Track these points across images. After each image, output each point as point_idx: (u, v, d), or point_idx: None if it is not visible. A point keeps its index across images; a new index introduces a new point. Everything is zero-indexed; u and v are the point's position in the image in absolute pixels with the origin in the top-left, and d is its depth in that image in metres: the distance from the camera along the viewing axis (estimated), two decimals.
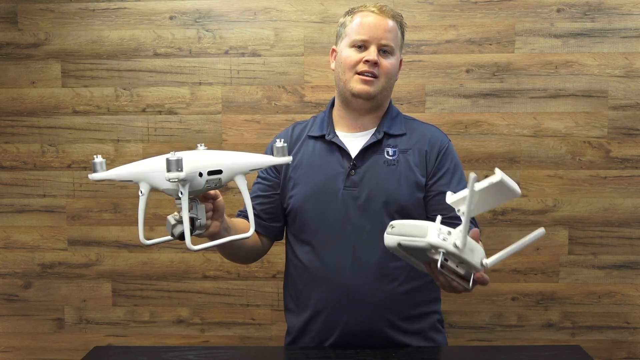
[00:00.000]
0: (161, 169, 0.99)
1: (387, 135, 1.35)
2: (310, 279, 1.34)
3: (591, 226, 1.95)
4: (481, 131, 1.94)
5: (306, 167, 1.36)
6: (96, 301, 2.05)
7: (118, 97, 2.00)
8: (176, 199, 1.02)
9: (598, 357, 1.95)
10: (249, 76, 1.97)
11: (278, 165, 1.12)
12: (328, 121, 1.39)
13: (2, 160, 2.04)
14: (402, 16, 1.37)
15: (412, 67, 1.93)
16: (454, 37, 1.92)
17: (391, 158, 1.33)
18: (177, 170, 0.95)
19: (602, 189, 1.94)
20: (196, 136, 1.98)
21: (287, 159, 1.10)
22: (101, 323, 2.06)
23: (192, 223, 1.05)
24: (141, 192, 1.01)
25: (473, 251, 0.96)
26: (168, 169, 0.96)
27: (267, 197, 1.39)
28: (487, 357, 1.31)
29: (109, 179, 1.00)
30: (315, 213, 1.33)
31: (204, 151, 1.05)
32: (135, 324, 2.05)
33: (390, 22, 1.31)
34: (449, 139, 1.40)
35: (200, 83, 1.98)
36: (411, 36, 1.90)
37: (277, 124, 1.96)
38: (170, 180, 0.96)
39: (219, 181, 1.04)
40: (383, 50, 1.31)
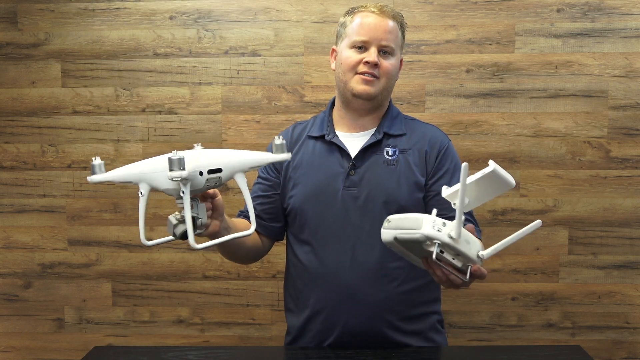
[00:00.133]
0: (161, 169, 0.99)
1: (387, 135, 1.35)
2: (309, 279, 1.34)
3: (591, 226, 1.95)
4: (481, 131, 1.94)
5: (306, 167, 1.36)
6: (96, 301, 2.06)
7: (118, 97, 2.00)
8: (177, 199, 1.02)
9: (598, 357, 1.95)
10: (249, 76, 1.97)
11: (277, 162, 1.11)
12: (328, 121, 1.39)
13: (2, 160, 2.04)
14: (403, 16, 1.36)
15: (412, 67, 1.93)
16: (454, 37, 1.92)
17: (391, 158, 1.33)
18: (180, 169, 0.96)
19: (602, 189, 1.93)
20: (196, 136, 1.98)
21: (287, 156, 1.09)
22: (101, 323, 2.06)
23: (194, 222, 1.05)
24: (141, 193, 1.00)
25: (469, 243, 0.96)
26: (171, 168, 0.96)
27: (268, 197, 1.39)
28: (487, 357, 1.31)
29: (109, 181, 0.99)
30: (314, 213, 1.33)
31: (203, 150, 1.05)
32: (135, 324, 2.05)
33: (390, 23, 1.31)
34: (449, 139, 1.40)
35: (200, 83, 1.98)
36: (411, 36, 1.90)
37: (277, 124, 1.96)
38: (173, 179, 0.96)
39: (219, 180, 1.04)
40: (383, 51, 1.30)
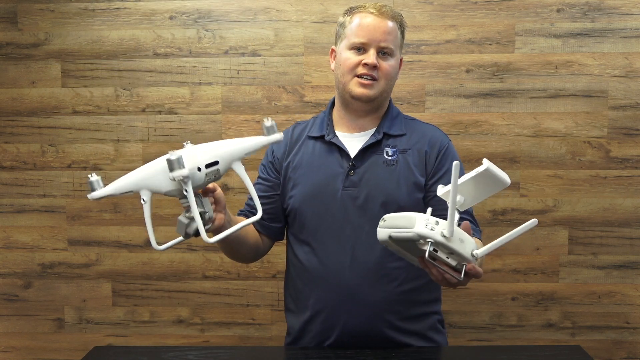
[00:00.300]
0: (160, 172, 0.99)
1: (387, 135, 1.35)
2: (309, 279, 1.34)
3: (591, 226, 1.94)
4: (481, 131, 1.94)
5: (306, 168, 1.36)
6: (96, 301, 2.06)
7: (118, 97, 2.00)
8: (180, 199, 1.02)
9: (598, 357, 1.95)
10: (249, 76, 1.97)
11: (270, 143, 1.09)
12: (328, 121, 1.39)
13: (2, 160, 2.04)
14: (402, 16, 1.36)
15: (412, 67, 1.93)
16: (454, 37, 1.92)
17: (390, 158, 1.33)
18: (180, 167, 0.96)
19: (602, 189, 1.93)
20: (196, 136, 1.98)
21: (279, 136, 1.09)
22: (101, 323, 2.06)
23: (202, 217, 1.05)
24: (143, 200, 0.99)
25: (463, 242, 0.95)
26: (171, 169, 0.96)
27: (268, 198, 1.39)
28: (487, 357, 1.31)
29: (109, 195, 0.98)
30: (314, 213, 1.33)
31: (195, 146, 1.05)
32: (135, 324, 2.05)
33: (389, 23, 1.30)
34: (449, 139, 1.40)
35: (200, 83, 1.98)
36: (411, 36, 1.90)
37: (277, 124, 1.93)
38: (175, 178, 0.96)
39: (218, 172, 1.04)
40: (382, 52, 1.30)
